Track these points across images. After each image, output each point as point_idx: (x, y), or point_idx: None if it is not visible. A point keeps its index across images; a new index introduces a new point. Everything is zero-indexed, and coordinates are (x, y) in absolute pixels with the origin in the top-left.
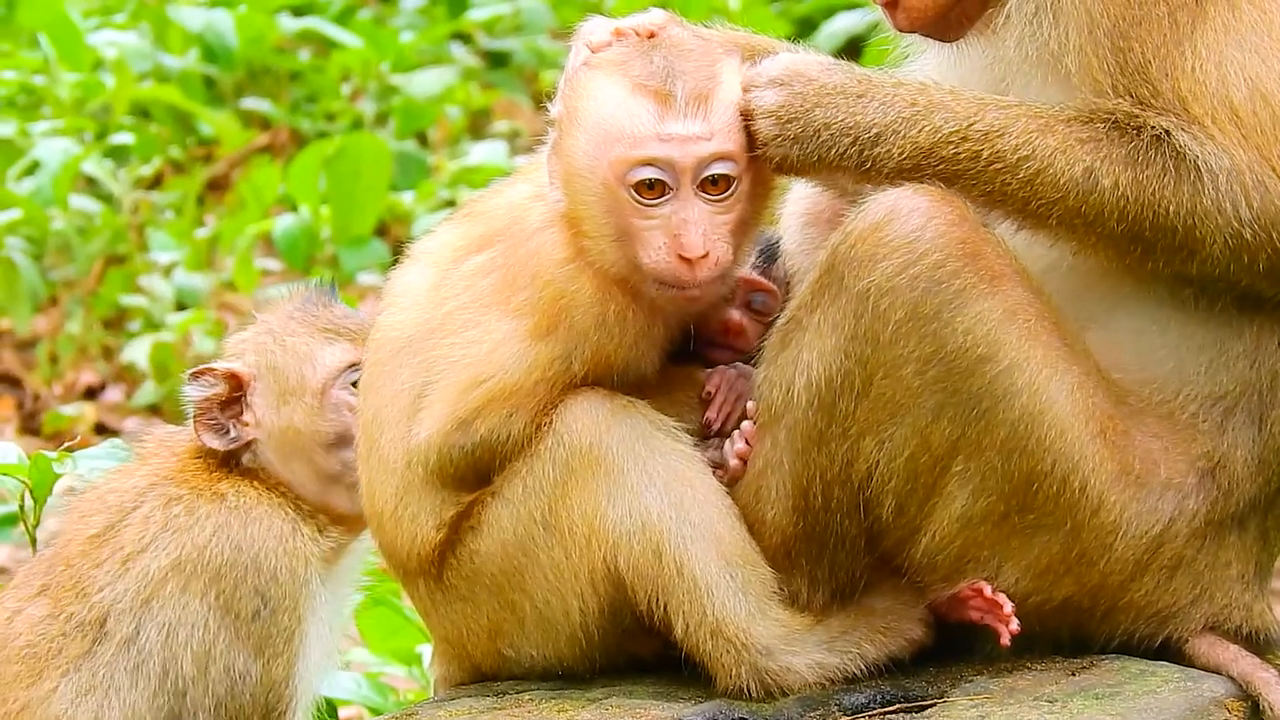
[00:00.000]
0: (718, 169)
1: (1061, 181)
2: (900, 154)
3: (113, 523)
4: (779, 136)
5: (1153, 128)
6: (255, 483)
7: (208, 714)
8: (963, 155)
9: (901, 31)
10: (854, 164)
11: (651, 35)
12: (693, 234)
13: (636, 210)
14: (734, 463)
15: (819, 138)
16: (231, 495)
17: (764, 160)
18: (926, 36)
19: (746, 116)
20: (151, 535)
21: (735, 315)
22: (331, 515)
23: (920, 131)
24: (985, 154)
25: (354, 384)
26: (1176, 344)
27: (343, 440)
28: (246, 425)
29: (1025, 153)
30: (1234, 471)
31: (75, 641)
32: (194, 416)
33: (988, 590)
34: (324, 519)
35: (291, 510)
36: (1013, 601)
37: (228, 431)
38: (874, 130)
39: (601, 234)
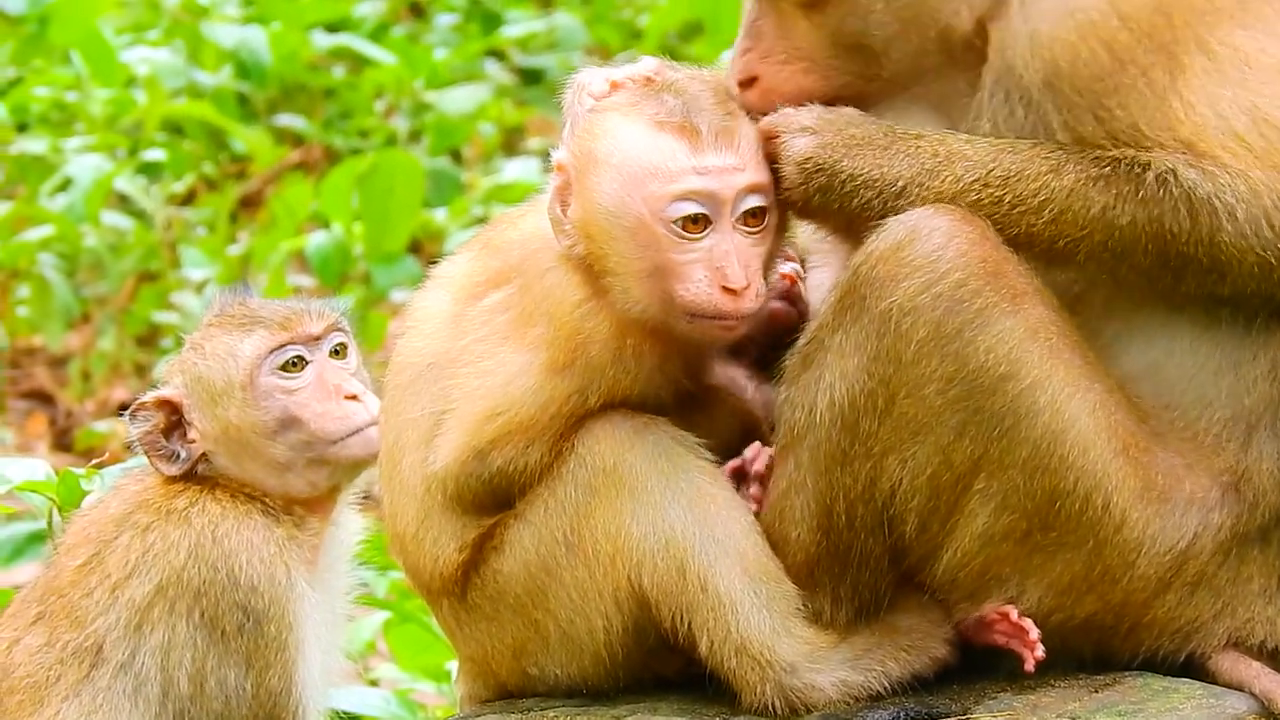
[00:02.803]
0: (753, 201)
1: (1082, 222)
2: (924, 204)
3: (97, 552)
4: (805, 185)
5: (1157, 168)
6: (219, 493)
7: None
8: (985, 201)
9: (751, 112)
10: (877, 214)
11: (648, 81)
12: (736, 265)
13: (675, 245)
14: (754, 488)
15: (844, 188)
16: (196, 515)
17: (786, 204)
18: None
19: (773, 160)
20: (134, 562)
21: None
22: (300, 504)
23: (943, 181)
24: (1008, 198)
25: (283, 367)
26: (1193, 373)
27: (284, 425)
28: (193, 442)
29: (1045, 196)
30: (1259, 484)
31: (73, 668)
32: (144, 453)
33: (1014, 614)
34: (299, 511)
35: (260, 515)
36: (1035, 619)
37: (178, 455)
38: (899, 183)
39: (630, 272)
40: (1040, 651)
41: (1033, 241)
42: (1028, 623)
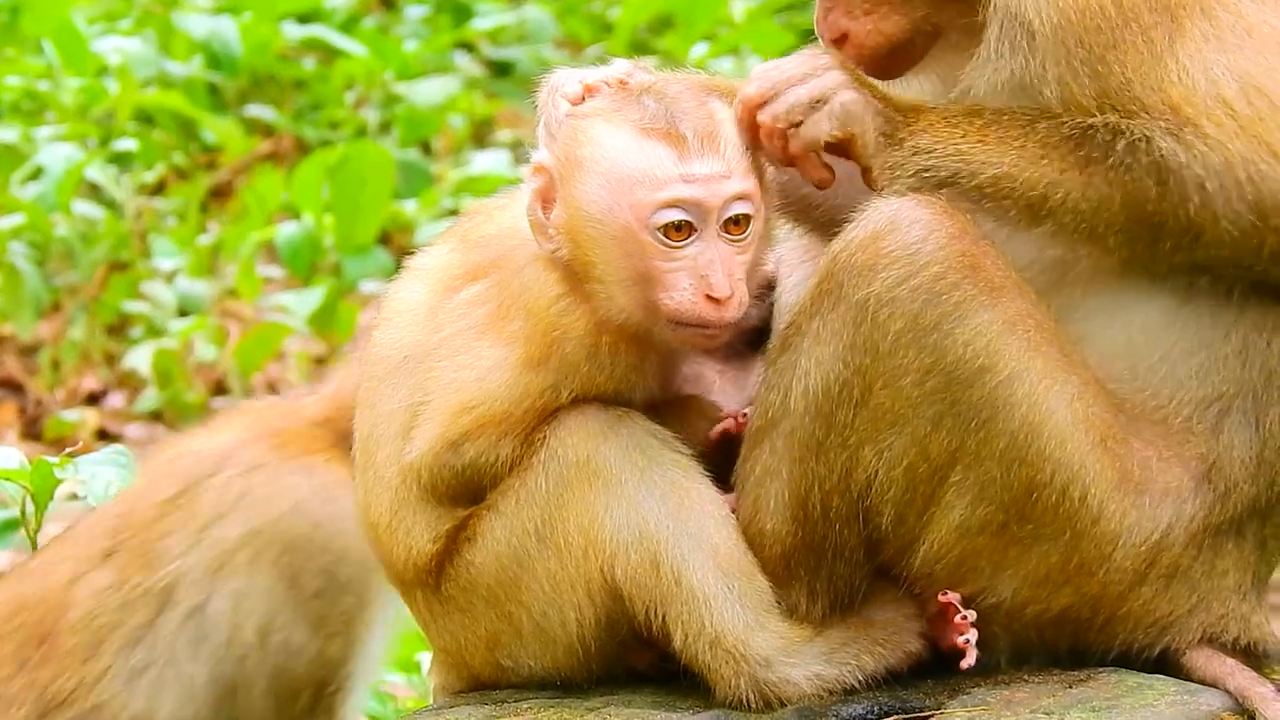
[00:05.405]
0: (738, 209)
1: (1054, 197)
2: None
3: (187, 487)
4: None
5: (1130, 134)
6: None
7: (264, 683)
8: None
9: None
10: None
11: (622, 84)
12: (720, 274)
13: (660, 253)
14: None
15: None
16: (321, 471)
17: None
18: (868, 74)
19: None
20: (230, 503)
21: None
22: None
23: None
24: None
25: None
26: (1166, 351)
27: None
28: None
29: (1023, 176)
30: (1231, 473)
31: (138, 613)
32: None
33: (956, 601)
34: None
35: None
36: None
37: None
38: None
39: (614, 279)
40: (971, 657)
41: (1013, 223)
42: (970, 617)
